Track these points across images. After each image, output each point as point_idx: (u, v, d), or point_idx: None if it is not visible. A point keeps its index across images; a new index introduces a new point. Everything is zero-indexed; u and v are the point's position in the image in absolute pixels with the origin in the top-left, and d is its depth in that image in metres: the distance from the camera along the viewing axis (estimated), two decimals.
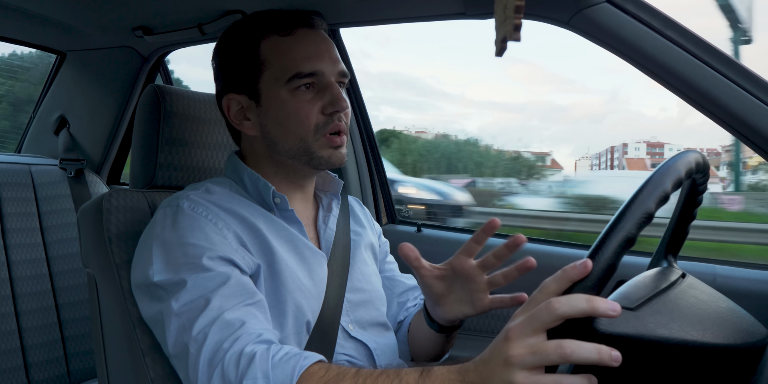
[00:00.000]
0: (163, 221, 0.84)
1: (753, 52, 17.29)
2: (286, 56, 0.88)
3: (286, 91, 0.88)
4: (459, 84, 53.94)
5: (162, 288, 0.79)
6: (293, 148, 0.90)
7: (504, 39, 0.55)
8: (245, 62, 0.91)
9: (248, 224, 0.87)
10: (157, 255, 0.81)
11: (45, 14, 1.44)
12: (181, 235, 0.81)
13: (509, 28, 0.52)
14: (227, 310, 0.75)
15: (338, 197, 1.04)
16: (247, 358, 0.70)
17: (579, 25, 0.90)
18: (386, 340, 0.99)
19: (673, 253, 0.82)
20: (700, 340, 0.61)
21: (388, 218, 1.64)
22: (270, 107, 0.90)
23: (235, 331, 0.73)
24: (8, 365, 1.38)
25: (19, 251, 1.46)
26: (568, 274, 0.57)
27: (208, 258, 0.79)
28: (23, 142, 1.84)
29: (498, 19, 0.58)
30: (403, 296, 1.10)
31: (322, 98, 0.89)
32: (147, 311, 0.84)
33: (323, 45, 0.91)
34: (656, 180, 0.61)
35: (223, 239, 0.83)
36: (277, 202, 0.92)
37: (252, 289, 0.80)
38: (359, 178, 1.60)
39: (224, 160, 1.08)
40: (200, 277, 0.78)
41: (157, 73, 1.78)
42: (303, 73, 0.88)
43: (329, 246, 0.97)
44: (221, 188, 0.92)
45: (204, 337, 0.73)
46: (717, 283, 1.06)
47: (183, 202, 0.85)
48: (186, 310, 0.76)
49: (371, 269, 1.04)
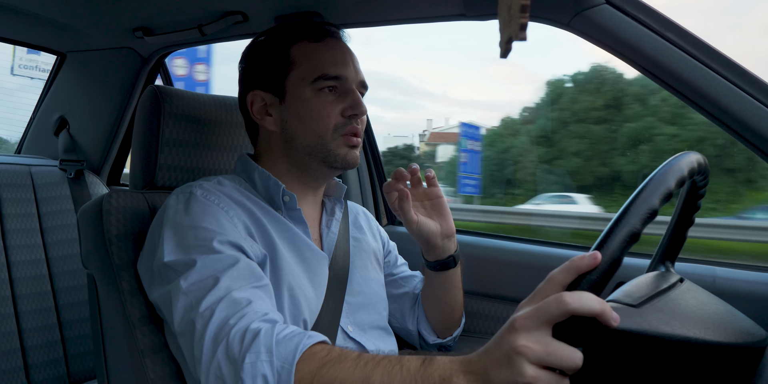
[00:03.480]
0: (175, 206, 0.86)
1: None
2: (314, 59, 0.94)
3: (311, 91, 0.93)
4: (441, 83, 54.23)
5: (171, 268, 0.81)
6: (311, 144, 0.93)
7: (509, 40, 0.55)
8: (274, 62, 0.95)
9: (255, 218, 0.89)
10: (169, 237, 0.83)
11: (45, 15, 1.44)
12: (193, 219, 0.83)
13: (515, 28, 0.52)
14: (235, 290, 0.76)
15: (341, 202, 1.07)
16: (251, 334, 0.70)
17: (579, 26, 0.90)
18: (386, 344, 1.01)
19: (671, 259, 0.82)
20: (702, 337, 0.61)
21: (388, 219, 1.64)
22: (293, 104, 0.93)
23: (241, 309, 0.74)
24: (8, 366, 1.38)
25: (19, 252, 1.46)
26: (577, 265, 0.56)
27: (219, 242, 0.81)
28: (23, 143, 1.84)
29: (502, 20, 0.58)
30: (417, 288, 1.16)
31: (343, 101, 0.93)
32: (155, 293, 0.85)
33: (348, 55, 0.97)
34: (660, 177, 0.62)
35: (234, 227, 0.85)
36: (285, 201, 0.93)
37: (259, 273, 0.82)
38: (359, 180, 1.61)
39: (224, 161, 1.09)
40: (210, 259, 0.79)
41: (157, 73, 1.78)
42: (328, 76, 0.92)
43: (331, 249, 0.99)
44: (232, 183, 0.94)
45: (211, 314, 0.74)
46: (716, 285, 1.06)
47: (196, 190, 0.88)
48: (194, 288, 0.77)
49: (372, 274, 1.06)
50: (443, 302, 1.10)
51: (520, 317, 0.56)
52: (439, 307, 1.11)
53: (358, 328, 0.97)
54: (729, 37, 17.29)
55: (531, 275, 1.31)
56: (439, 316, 1.12)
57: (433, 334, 1.14)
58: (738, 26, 19.30)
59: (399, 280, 1.16)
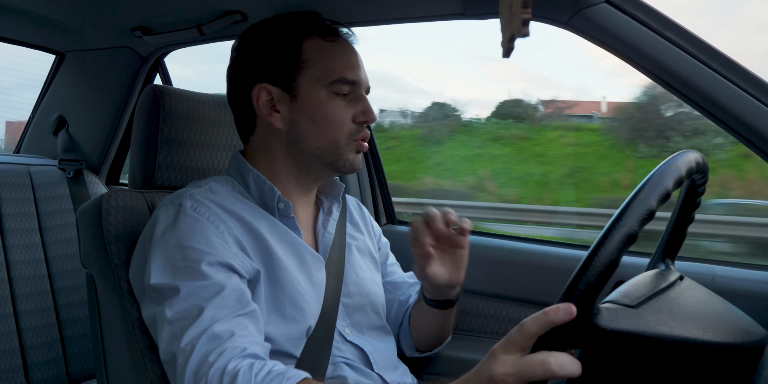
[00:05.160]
0: (164, 221, 0.84)
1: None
2: (330, 60, 0.91)
3: (326, 93, 0.90)
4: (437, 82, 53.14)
5: (158, 291, 0.80)
6: (322, 147, 0.91)
7: (511, 38, 0.54)
8: (285, 56, 0.91)
9: (250, 228, 0.87)
10: (156, 256, 0.81)
11: (44, 14, 1.44)
12: (181, 237, 0.81)
13: (517, 24, 0.52)
14: (218, 321, 0.75)
15: (339, 201, 1.04)
16: (229, 377, 0.70)
17: (578, 25, 0.90)
18: (384, 344, 1.00)
19: (671, 256, 0.82)
20: (701, 338, 0.61)
21: (387, 219, 1.64)
22: (307, 104, 0.90)
23: (222, 344, 0.73)
24: (7, 366, 1.38)
25: (18, 252, 1.46)
26: (551, 319, 0.56)
27: (207, 263, 0.79)
28: (22, 143, 1.84)
29: (503, 18, 0.57)
30: (405, 294, 1.12)
31: (354, 107, 0.92)
32: (145, 312, 0.84)
33: (360, 59, 0.96)
34: (658, 177, 0.62)
35: (224, 243, 0.83)
36: (280, 208, 0.91)
37: (246, 299, 0.80)
38: (359, 179, 1.60)
39: (223, 161, 1.08)
40: (196, 286, 0.78)
41: (156, 73, 1.77)
42: (346, 80, 0.91)
43: (327, 250, 0.97)
44: (224, 188, 0.91)
45: (191, 349, 0.73)
46: (716, 283, 1.06)
47: (186, 202, 0.85)
48: (179, 318, 0.76)
49: (367, 274, 1.04)
50: (433, 331, 1.07)
51: (501, 373, 0.58)
52: (427, 333, 1.08)
53: (356, 330, 0.96)
54: (721, 36, 17.30)
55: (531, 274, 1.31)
56: (425, 339, 1.09)
57: (413, 349, 1.12)
58: (729, 24, 19.30)
59: (386, 285, 1.11)
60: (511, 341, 0.59)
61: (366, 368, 0.93)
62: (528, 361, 0.57)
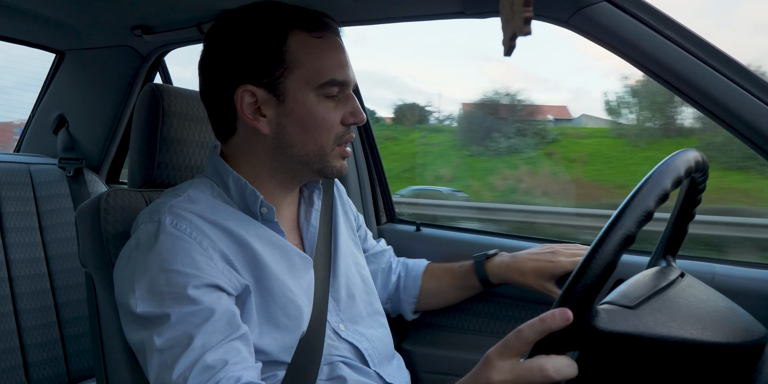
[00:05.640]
0: (145, 242, 0.80)
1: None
2: (319, 60, 0.84)
3: (315, 96, 0.85)
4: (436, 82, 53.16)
5: (145, 319, 0.77)
6: (309, 154, 0.87)
7: (513, 36, 0.54)
8: (269, 55, 0.84)
9: (235, 238, 0.84)
10: (140, 281, 0.78)
11: (44, 13, 1.44)
12: (164, 260, 0.77)
13: (518, 22, 0.51)
14: (210, 349, 0.74)
15: (319, 188, 1.01)
16: None
17: (578, 24, 0.90)
18: (379, 334, 0.99)
19: (672, 253, 0.82)
20: (700, 338, 0.61)
21: (388, 217, 1.63)
22: (296, 109, 0.84)
23: (215, 375, 0.72)
24: (7, 364, 1.38)
25: (18, 250, 1.46)
26: (548, 326, 0.57)
27: (194, 287, 0.76)
28: (22, 141, 1.84)
29: (504, 17, 0.57)
30: (386, 262, 1.19)
31: (343, 108, 0.87)
32: (130, 335, 0.81)
33: (347, 56, 0.89)
34: (656, 178, 0.61)
35: (209, 261, 0.79)
36: (263, 213, 0.88)
37: (237, 322, 0.78)
38: (358, 177, 1.60)
39: None
40: (184, 312, 0.75)
41: (156, 72, 1.77)
42: (336, 81, 0.85)
43: (313, 246, 0.95)
44: (203, 194, 0.87)
45: (183, 382, 0.72)
46: (716, 282, 1.05)
47: (165, 218, 0.81)
48: (169, 346, 0.74)
49: (351, 260, 1.03)
50: (454, 298, 1.19)
51: (499, 380, 0.58)
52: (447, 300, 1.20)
53: (350, 322, 0.95)
54: (720, 36, 17.33)
55: None
56: (436, 303, 1.20)
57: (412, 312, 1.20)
58: (727, 25, 19.29)
59: (370, 257, 1.16)
60: (507, 347, 0.59)
61: (363, 365, 0.93)
62: (526, 367, 0.57)
